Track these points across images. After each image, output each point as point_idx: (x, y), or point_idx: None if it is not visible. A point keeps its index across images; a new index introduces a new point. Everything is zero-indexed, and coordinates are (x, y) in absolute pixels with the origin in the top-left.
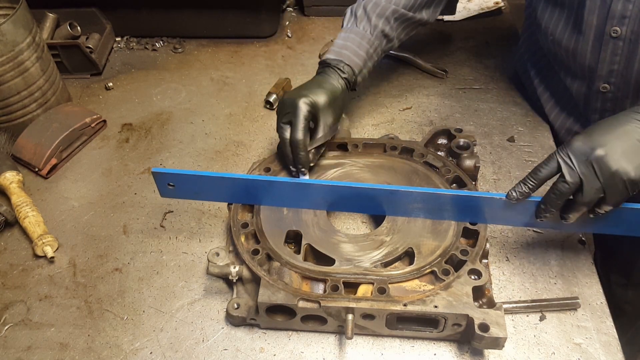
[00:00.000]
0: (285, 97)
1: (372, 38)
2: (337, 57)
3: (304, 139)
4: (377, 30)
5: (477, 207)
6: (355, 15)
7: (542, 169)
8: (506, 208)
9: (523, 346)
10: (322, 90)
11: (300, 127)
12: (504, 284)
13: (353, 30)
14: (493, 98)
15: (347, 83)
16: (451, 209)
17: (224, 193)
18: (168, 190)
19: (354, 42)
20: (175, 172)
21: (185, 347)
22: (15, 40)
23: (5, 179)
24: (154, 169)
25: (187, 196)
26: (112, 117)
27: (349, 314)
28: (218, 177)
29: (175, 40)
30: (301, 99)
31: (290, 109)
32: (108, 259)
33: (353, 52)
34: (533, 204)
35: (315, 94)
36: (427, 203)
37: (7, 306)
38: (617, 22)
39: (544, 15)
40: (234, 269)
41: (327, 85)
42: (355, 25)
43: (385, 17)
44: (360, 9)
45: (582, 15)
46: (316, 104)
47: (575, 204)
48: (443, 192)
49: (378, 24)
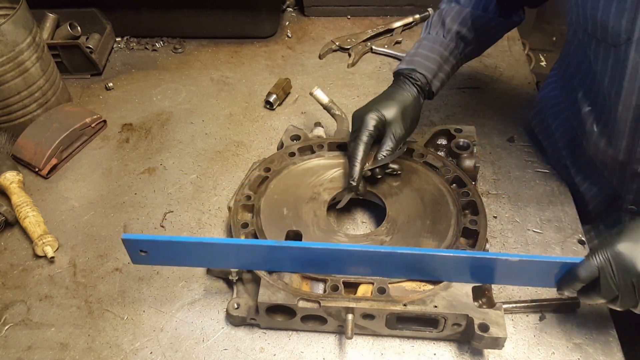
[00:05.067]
0: (354, 114)
1: (447, 41)
2: (408, 65)
3: (359, 152)
4: (452, 33)
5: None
6: (430, 23)
7: (580, 274)
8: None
9: (523, 346)
10: (392, 102)
11: (361, 141)
12: None
13: (426, 38)
14: (493, 98)
15: (420, 90)
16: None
17: (202, 259)
18: (140, 257)
19: (426, 47)
20: (147, 238)
21: (185, 347)
22: (16, 41)
23: (5, 179)
24: (123, 236)
25: (161, 262)
26: (112, 117)
27: (349, 314)
28: (194, 242)
29: (175, 40)
30: (368, 113)
31: (358, 124)
32: (108, 259)
33: (424, 57)
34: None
35: (384, 107)
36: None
37: (7, 306)
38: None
39: (580, 89)
40: (234, 269)
41: (397, 96)
42: (428, 33)
43: (461, 20)
44: (436, 16)
45: (618, 97)
46: (384, 117)
47: (598, 301)
48: (438, 252)
49: (452, 27)
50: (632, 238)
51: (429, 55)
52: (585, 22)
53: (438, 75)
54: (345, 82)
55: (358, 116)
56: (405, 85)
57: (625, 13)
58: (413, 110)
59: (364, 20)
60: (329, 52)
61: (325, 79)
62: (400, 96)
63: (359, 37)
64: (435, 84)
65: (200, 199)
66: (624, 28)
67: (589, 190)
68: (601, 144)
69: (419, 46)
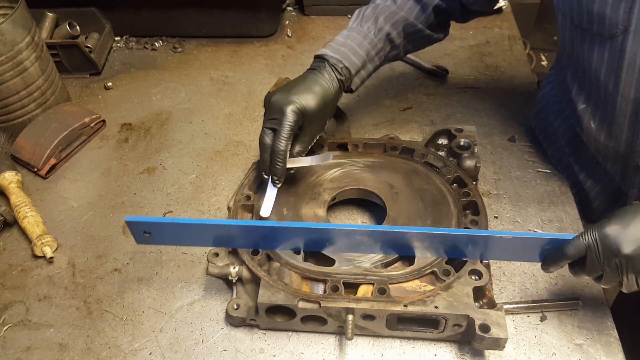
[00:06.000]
0: (272, 99)
1: (376, 40)
2: (334, 53)
3: (285, 150)
4: (382, 33)
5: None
6: (363, 15)
7: (568, 251)
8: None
9: (524, 347)
10: (313, 95)
11: (284, 137)
12: (504, 284)
13: (356, 30)
14: (494, 98)
15: (341, 84)
16: (454, 246)
17: (203, 239)
18: (144, 238)
19: (355, 40)
20: (150, 220)
21: (185, 347)
22: (15, 40)
23: (4, 179)
24: (127, 218)
25: (164, 242)
26: (112, 117)
27: (349, 315)
28: (196, 223)
29: (175, 39)
30: (289, 105)
31: (276, 115)
32: (107, 259)
33: (352, 51)
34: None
35: (305, 98)
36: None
37: (6, 307)
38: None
39: (573, 86)
40: (234, 270)
41: (319, 88)
42: (360, 25)
43: (393, 22)
44: (370, 9)
45: (616, 89)
46: (305, 111)
47: (583, 276)
48: (441, 231)
49: (384, 27)
50: (619, 222)
51: (356, 50)
52: (580, 17)
53: (360, 73)
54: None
55: (277, 104)
56: (328, 75)
57: (622, 3)
58: (331, 107)
59: None
60: None
61: None
62: (323, 89)
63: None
64: (355, 82)
65: (200, 199)
66: (621, 18)
67: (592, 188)
68: (601, 139)
69: (348, 36)
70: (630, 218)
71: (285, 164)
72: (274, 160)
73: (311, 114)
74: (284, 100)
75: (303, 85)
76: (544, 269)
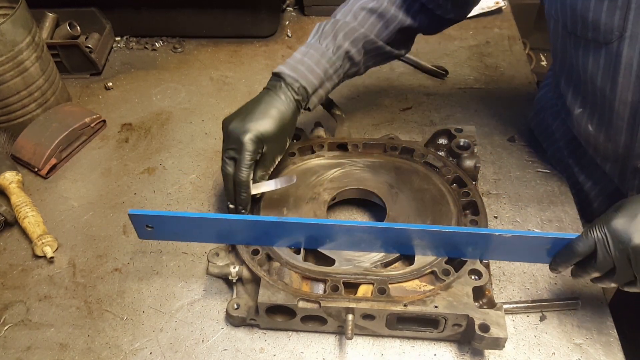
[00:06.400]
0: (230, 127)
1: (334, 58)
2: (291, 72)
3: (247, 179)
4: (341, 51)
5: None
6: (322, 31)
7: (578, 247)
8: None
9: (523, 346)
10: (270, 120)
11: (245, 167)
12: (504, 284)
13: (314, 46)
14: (493, 98)
15: (298, 104)
16: (458, 245)
17: (206, 234)
18: (146, 232)
19: (313, 58)
20: (153, 213)
21: (185, 347)
22: (15, 40)
23: (4, 179)
24: (130, 211)
25: (167, 237)
26: (112, 117)
27: (349, 315)
28: (198, 218)
29: (175, 40)
30: (247, 134)
31: (234, 145)
32: (108, 259)
33: (309, 69)
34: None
35: (261, 125)
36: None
37: (6, 306)
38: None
39: (567, 91)
40: (234, 269)
41: (275, 112)
42: (319, 42)
43: (353, 39)
44: (329, 25)
45: (613, 93)
46: (263, 137)
47: (595, 275)
48: (441, 229)
49: (343, 44)
50: (627, 213)
51: (314, 68)
52: (575, 25)
53: (318, 92)
54: (345, 82)
55: (234, 134)
56: (284, 95)
57: (617, 10)
58: (290, 128)
59: None
60: None
61: None
62: (279, 112)
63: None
64: (313, 101)
65: (200, 199)
66: (617, 25)
67: (592, 189)
68: (599, 142)
69: (305, 53)
70: (637, 209)
71: (249, 193)
72: (237, 190)
73: (270, 139)
74: (241, 129)
75: (258, 110)
76: (553, 269)
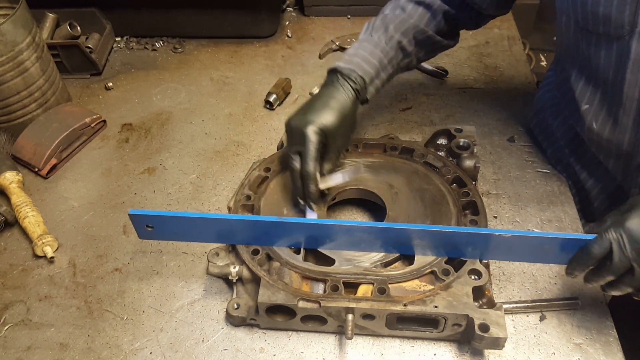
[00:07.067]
0: (292, 124)
1: (387, 47)
2: (347, 64)
3: (314, 172)
4: (393, 41)
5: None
6: (373, 26)
7: (593, 250)
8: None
9: (523, 346)
10: (331, 111)
11: (311, 159)
12: (504, 284)
13: (366, 40)
14: (493, 98)
15: (357, 94)
16: (461, 246)
17: (206, 234)
18: (146, 232)
19: (367, 49)
20: (153, 213)
21: (185, 347)
22: (15, 40)
23: (5, 179)
24: (130, 211)
25: (167, 237)
26: (112, 117)
27: (349, 314)
28: (198, 217)
29: (175, 40)
30: (309, 126)
31: (299, 139)
32: (108, 259)
33: (364, 60)
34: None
35: (323, 117)
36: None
37: (7, 306)
38: None
39: (577, 86)
40: (234, 269)
41: (335, 103)
42: (370, 36)
43: (403, 30)
44: (379, 20)
45: (621, 89)
46: (326, 130)
47: (610, 279)
48: (444, 229)
49: (394, 35)
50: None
51: (368, 58)
52: (585, 20)
53: (374, 82)
54: None
55: (297, 128)
56: (342, 87)
57: (627, 6)
58: (351, 119)
59: (364, 20)
60: (329, 52)
61: None
62: (339, 103)
63: (359, 37)
64: (370, 91)
65: (200, 199)
66: (627, 20)
67: (594, 187)
68: (603, 139)
69: (359, 47)
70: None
71: (317, 186)
72: (305, 184)
73: (333, 130)
74: (302, 123)
75: (319, 103)
76: (569, 274)
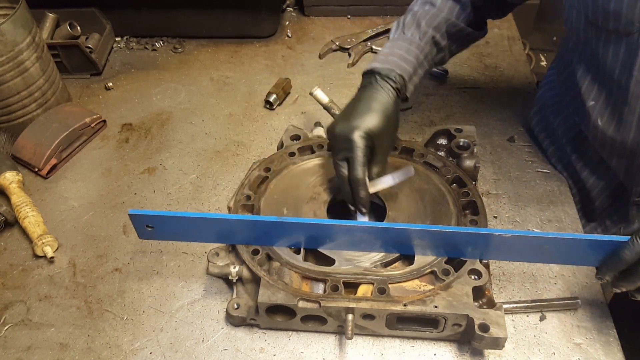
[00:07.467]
0: (337, 130)
1: (422, 44)
2: (385, 64)
3: (363, 177)
4: (427, 37)
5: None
6: (403, 24)
7: (625, 255)
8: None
9: (523, 346)
10: (375, 114)
11: (359, 164)
12: (504, 284)
13: (400, 38)
14: (493, 98)
15: (398, 93)
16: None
17: (206, 234)
18: (146, 232)
19: (402, 48)
20: (153, 213)
21: (185, 347)
22: (15, 40)
23: (5, 179)
24: (130, 211)
25: (167, 237)
26: (112, 117)
27: (349, 314)
28: (198, 217)
29: (175, 40)
30: (355, 132)
31: (345, 145)
32: (108, 259)
33: (401, 58)
34: None
35: (368, 120)
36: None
37: (7, 306)
38: None
39: (583, 82)
40: (234, 269)
41: (378, 105)
42: (403, 33)
43: (435, 24)
44: (409, 17)
45: (627, 87)
46: (372, 133)
47: (635, 285)
48: (448, 229)
49: (427, 31)
50: None
51: (405, 56)
52: (596, 16)
53: (413, 79)
54: (345, 82)
55: (343, 135)
56: (382, 88)
57: (638, 2)
58: (395, 119)
59: (364, 20)
60: (329, 52)
61: (325, 78)
62: (381, 105)
63: (359, 37)
64: (409, 88)
65: (200, 199)
66: (637, 16)
67: (595, 186)
68: (608, 136)
69: (393, 46)
70: None
71: (367, 192)
72: (355, 190)
73: (378, 133)
74: (348, 129)
75: (361, 107)
76: (599, 278)
